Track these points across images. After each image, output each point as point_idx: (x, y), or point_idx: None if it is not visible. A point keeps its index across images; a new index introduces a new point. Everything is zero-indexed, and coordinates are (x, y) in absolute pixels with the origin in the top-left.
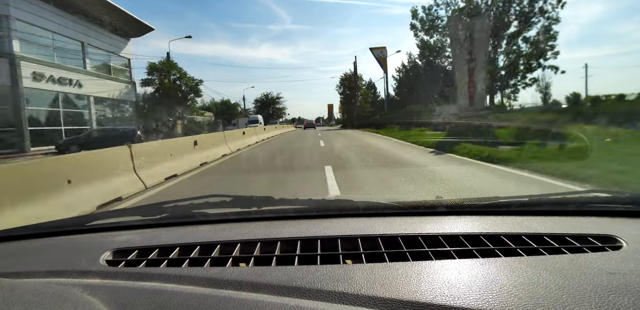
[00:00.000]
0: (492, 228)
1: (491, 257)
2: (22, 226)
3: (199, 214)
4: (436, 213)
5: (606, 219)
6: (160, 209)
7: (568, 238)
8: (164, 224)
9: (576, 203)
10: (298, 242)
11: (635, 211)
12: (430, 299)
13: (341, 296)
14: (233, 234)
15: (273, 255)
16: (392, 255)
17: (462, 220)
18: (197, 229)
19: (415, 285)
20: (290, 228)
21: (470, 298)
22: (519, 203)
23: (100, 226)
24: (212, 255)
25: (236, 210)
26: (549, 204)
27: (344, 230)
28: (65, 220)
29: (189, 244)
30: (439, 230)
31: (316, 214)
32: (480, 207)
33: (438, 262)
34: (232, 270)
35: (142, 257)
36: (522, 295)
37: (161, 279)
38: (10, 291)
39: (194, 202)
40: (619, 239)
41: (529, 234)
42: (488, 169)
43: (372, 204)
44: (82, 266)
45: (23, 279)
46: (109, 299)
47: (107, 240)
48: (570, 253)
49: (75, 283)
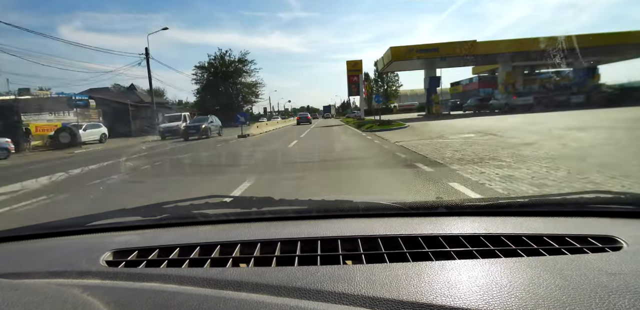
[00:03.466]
0: (492, 229)
1: (491, 258)
2: (22, 227)
3: (199, 214)
4: (436, 214)
5: (606, 219)
6: (160, 210)
7: (568, 239)
8: (164, 224)
9: (576, 204)
10: (298, 242)
11: (635, 212)
12: (431, 300)
13: (341, 297)
14: (233, 234)
15: (273, 256)
16: (392, 255)
17: (462, 220)
18: (197, 229)
19: (416, 286)
20: (290, 228)
21: (471, 299)
22: (519, 204)
23: (100, 226)
24: (212, 256)
25: (236, 211)
26: (549, 204)
27: (343, 231)
28: (65, 221)
29: (189, 245)
30: (439, 231)
31: (316, 214)
32: (480, 208)
33: (438, 262)
34: (232, 271)
35: (142, 258)
36: (522, 295)
37: (161, 279)
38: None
39: (194, 203)
40: (619, 240)
41: (529, 234)
42: None
43: (372, 205)
44: (82, 267)
45: (23, 279)
46: (108, 299)
47: (107, 240)
48: (570, 254)
49: (75, 284)
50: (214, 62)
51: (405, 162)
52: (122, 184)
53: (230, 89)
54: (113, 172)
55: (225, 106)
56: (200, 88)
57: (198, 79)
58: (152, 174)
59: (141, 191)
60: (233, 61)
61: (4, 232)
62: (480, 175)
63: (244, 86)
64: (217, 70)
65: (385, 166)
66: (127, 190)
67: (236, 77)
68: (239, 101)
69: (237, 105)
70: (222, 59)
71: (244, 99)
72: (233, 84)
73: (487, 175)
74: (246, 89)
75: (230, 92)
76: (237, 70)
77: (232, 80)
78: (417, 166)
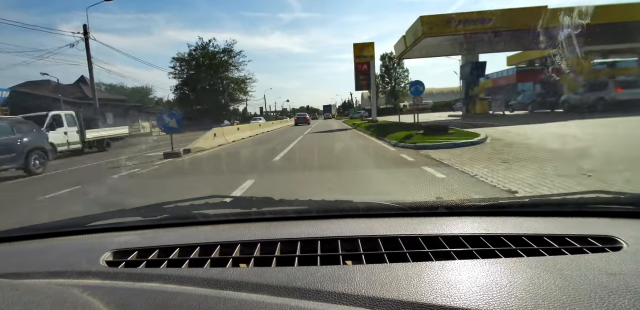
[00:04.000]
0: (492, 229)
1: (491, 258)
2: (23, 227)
3: (199, 214)
4: (436, 214)
5: (606, 219)
6: (160, 210)
7: (568, 239)
8: (164, 224)
9: (576, 204)
10: (298, 242)
11: (635, 212)
12: (431, 300)
13: (341, 297)
14: (233, 234)
15: (273, 256)
16: (392, 256)
17: (462, 221)
18: (197, 229)
19: (416, 286)
20: (290, 229)
21: (471, 299)
22: (519, 204)
23: (100, 227)
24: (212, 256)
25: (236, 211)
26: (549, 204)
27: (344, 231)
28: (65, 221)
29: (189, 245)
30: (439, 231)
31: (316, 214)
32: (480, 208)
33: (438, 262)
34: (232, 271)
35: (142, 258)
36: (522, 296)
37: (161, 279)
38: (10, 291)
39: (193, 203)
40: (619, 240)
41: (529, 234)
42: None
43: (372, 205)
44: (82, 267)
45: (23, 279)
46: (108, 299)
47: (107, 240)
48: (570, 254)
49: (75, 284)
50: (195, 53)
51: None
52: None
53: (216, 85)
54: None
55: (211, 105)
56: (179, 84)
57: (177, 73)
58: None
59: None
60: (217, 52)
61: (3, 232)
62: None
63: (231, 81)
64: (198, 62)
65: None
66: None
67: (222, 70)
68: (225, 99)
69: (224, 104)
70: (204, 49)
71: (231, 97)
72: (218, 79)
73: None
74: (233, 84)
75: (216, 89)
76: (222, 63)
77: (216, 74)
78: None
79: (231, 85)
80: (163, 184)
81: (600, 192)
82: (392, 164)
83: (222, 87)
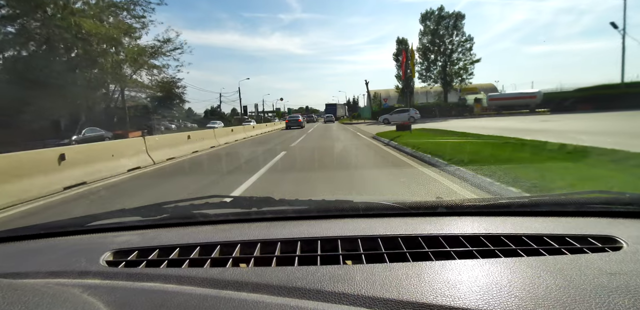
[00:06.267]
0: (492, 229)
1: (491, 258)
2: (23, 227)
3: (199, 214)
4: (436, 214)
5: (606, 219)
6: (160, 210)
7: (568, 239)
8: (164, 224)
9: (576, 204)
10: (298, 242)
11: (635, 212)
12: (431, 300)
13: (341, 297)
14: (233, 234)
15: (273, 256)
16: (392, 255)
17: (462, 220)
18: (197, 229)
19: (416, 286)
20: (290, 229)
21: (471, 298)
22: (519, 204)
23: (100, 227)
24: (212, 256)
25: (236, 211)
26: (549, 204)
27: (344, 231)
28: (65, 221)
29: (189, 245)
30: (439, 231)
31: (316, 214)
32: (480, 208)
33: (438, 262)
34: (232, 271)
35: (142, 258)
36: (522, 295)
37: (161, 279)
38: (10, 291)
39: (194, 203)
40: (619, 240)
41: (529, 234)
42: None
43: (372, 205)
44: (82, 267)
45: (23, 279)
46: (108, 299)
47: (107, 240)
48: (570, 254)
49: (75, 283)
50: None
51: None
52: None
53: (66, 44)
54: None
55: (51, 90)
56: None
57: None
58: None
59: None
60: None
61: (4, 232)
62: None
63: (103, 39)
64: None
65: None
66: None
67: (81, 14)
68: (91, 77)
69: (90, 89)
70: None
71: (115, 75)
72: (71, 34)
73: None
74: (110, 43)
75: (67, 54)
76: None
77: (66, 20)
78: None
79: (122, 53)
80: None
81: (600, 192)
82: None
83: (83, 50)
